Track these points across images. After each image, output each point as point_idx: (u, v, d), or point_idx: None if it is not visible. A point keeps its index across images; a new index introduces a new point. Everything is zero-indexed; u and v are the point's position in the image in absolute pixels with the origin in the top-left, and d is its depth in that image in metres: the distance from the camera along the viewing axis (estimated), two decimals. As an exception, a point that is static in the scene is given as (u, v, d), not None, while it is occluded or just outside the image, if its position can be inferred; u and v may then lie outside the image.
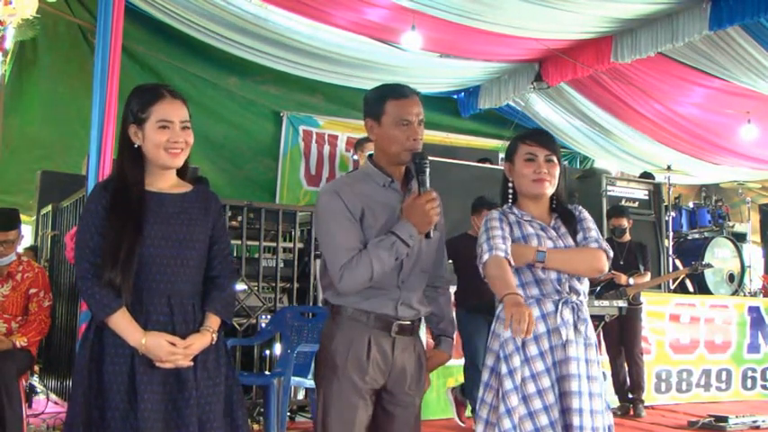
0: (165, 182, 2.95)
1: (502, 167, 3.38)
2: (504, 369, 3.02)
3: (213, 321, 2.92)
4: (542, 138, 3.23)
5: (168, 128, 2.87)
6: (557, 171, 3.18)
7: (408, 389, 3.11)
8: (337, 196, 2.99)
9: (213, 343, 2.91)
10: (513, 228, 3.15)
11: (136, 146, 2.90)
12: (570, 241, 3.15)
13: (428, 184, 2.99)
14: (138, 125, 2.89)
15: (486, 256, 3.05)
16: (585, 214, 3.28)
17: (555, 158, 3.17)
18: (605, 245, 3.19)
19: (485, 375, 3.15)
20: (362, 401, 2.97)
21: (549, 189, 3.17)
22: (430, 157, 3.02)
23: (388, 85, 3.15)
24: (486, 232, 3.14)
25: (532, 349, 3.03)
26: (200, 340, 2.85)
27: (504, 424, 2.97)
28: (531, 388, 3.00)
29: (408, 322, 3.08)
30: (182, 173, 3.03)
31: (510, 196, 3.27)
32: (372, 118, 3.08)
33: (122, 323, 2.76)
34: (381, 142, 3.08)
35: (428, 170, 3.00)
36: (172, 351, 2.77)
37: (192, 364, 2.82)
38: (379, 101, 3.08)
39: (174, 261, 2.85)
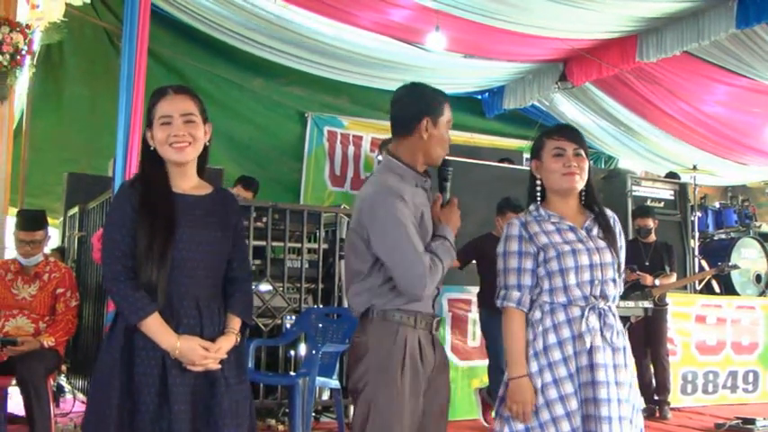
0: (186, 183, 2.95)
1: (525, 167, 3.37)
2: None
3: (236, 323, 2.94)
4: (569, 132, 3.18)
5: (169, 123, 2.88)
6: (586, 165, 3.12)
7: (447, 384, 3.16)
8: (403, 201, 2.96)
9: (237, 344, 2.93)
10: (536, 238, 3.07)
11: (152, 148, 2.92)
12: (601, 243, 3.08)
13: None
14: (149, 128, 2.93)
15: (500, 303, 3.10)
16: (623, 240, 3.23)
17: (583, 152, 3.11)
18: (624, 276, 3.25)
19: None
20: (417, 403, 2.98)
21: (580, 183, 3.10)
22: (454, 158, 3.06)
23: (439, 89, 3.18)
24: (504, 259, 3.12)
25: (555, 354, 2.99)
26: (228, 342, 2.88)
27: (515, 425, 2.99)
28: (552, 393, 2.96)
29: (438, 318, 3.15)
30: (200, 170, 3.03)
31: (538, 195, 3.20)
32: (432, 117, 3.08)
33: (156, 327, 2.77)
34: (430, 143, 3.08)
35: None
36: (205, 355, 2.79)
37: (220, 366, 2.85)
38: (441, 102, 3.11)
39: (201, 264, 2.86)
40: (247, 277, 3.07)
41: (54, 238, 8.02)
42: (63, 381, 7.29)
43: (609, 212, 3.22)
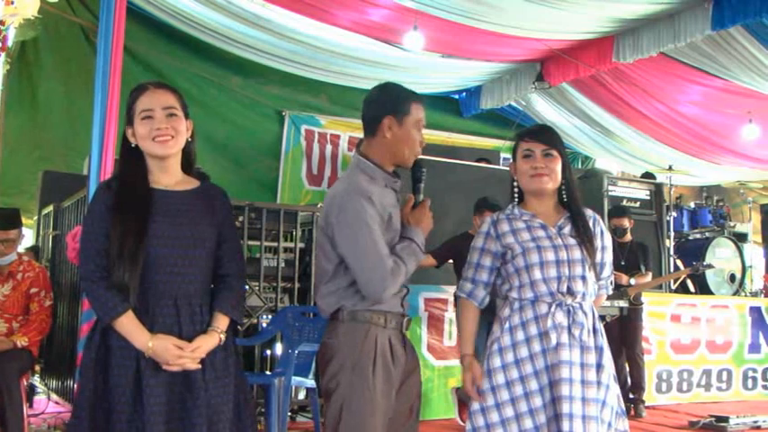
0: (169, 178, 2.93)
1: (502, 167, 3.39)
2: (485, 367, 3.07)
3: (222, 322, 2.88)
4: (539, 133, 3.18)
5: (151, 117, 2.86)
6: (557, 165, 3.11)
7: (417, 384, 3.14)
8: (371, 202, 2.91)
9: (221, 343, 2.87)
10: (503, 237, 3.10)
11: (134, 145, 2.90)
12: (571, 241, 3.08)
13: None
14: (130, 124, 2.90)
15: (456, 292, 3.19)
16: (607, 240, 3.23)
17: (554, 152, 3.11)
18: (612, 278, 3.29)
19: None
20: (389, 403, 2.95)
21: (550, 184, 3.11)
22: (431, 158, 3.05)
23: (407, 87, 3.12)
24: (469, 253, 3.19)
25: (522, 351, 3.00)
26: (208, 342, 2.82)
27: (477, 421, 3.02)
28: (518, 390, 2.98)
29: (409, 317, 3.12)
30: (186, 169, 3.00)
31: (516, 196, 3.21)
32: (395, 116, 3.02)
33: (129, 326, 2.73)
34: (396, 143, 3.03)
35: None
36: (179, 354, 2.74)
37: (200, 366, 2.79)
38: (406, 100, 3.04)
39: (181, 261, 2.82)
40: (236, 274, 2.99)
41: (28, 237, 7.96)
42: (36, 381, 7.24)
43: (589, 212, 3.22)
